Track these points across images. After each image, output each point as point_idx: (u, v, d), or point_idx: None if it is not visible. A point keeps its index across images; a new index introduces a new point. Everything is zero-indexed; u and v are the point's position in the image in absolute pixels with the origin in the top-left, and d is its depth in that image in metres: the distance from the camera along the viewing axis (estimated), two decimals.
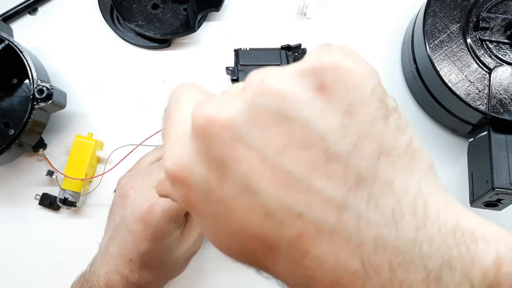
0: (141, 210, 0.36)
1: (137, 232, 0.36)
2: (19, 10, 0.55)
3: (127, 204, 0.38)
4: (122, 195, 0.39)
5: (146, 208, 0.36)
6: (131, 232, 0.37)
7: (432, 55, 0.47)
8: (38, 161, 0.51)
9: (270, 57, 0.51)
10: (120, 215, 0.38)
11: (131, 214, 0.37)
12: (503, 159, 0.43)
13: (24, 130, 0.45)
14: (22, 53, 0.46)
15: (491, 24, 0.47)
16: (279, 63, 0.51)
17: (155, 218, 0.36)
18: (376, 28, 0.56)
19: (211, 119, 0.18)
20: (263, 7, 0.56)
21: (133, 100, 0.53)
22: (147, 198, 0.37)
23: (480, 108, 0.45)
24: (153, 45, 0.54)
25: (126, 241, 0.37)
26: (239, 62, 0.51)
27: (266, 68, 0.18)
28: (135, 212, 0.37)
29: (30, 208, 0.50)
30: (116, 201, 0.39)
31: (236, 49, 0.52)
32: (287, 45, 0.52)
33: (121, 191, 0.39)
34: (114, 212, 0.40)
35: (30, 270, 0.49)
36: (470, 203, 0.45)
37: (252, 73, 0.19)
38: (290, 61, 0.51)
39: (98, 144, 0.50)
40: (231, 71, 0.51)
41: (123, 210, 0.38)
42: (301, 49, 0.52)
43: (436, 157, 0.52)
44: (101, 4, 0.55)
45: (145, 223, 0.36)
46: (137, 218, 0.36)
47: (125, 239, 0.37)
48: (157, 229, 0.36)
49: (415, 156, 0.18)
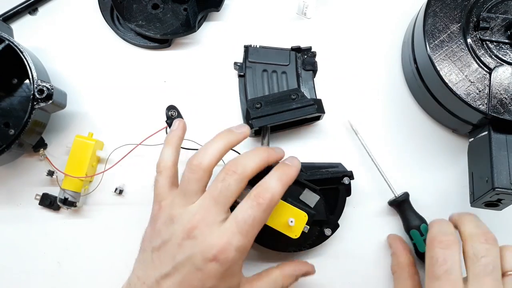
0: (215, 251, 0.36)
1: (207, 270, 0.36)
2: (19, 10, 0.55)
3: (194, 246, 0.37)
4: (187, 236, 0.37)
5: (220, 249, 0.36)
6: (199, 270, 0.36)
7: (433, 55, 0.47)
8: (39, 161, 0.51)
9: (279, 57, 0.51)
10: (184, 254, 0.37)
11: (200, 254, 0.36)
12: (504, 159, 0.43)
13: (24, 130, 0.45)
14: (22, 53, 0.46)
15: (491, 24, 0.47)
16: (288, 64, 0.51)
17: (228, 258, 0.36)
18: (376, 28, 0.56)
19: None
20: (263, 7, 0.56)
21: (133, 100, 0.53)
22: (219, 237, 0.36)
23: (480, 108, 0.45)
24: (153, 45, 0.54)
25: (190, 279, 0.37)
26: (248, 58, 0.51)
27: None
28: (207, 252, 0.36)
29: (30, 208, 0.50)
30: (177, 240, 0.38)
31: (247, 45, 0.51)
32: (298, 47, 0.51)
33: (184, 231, 0.38)
34: (172, 250, 0.38)
35: (30, 270, 0.49)
36: (471, 203, 0.45)
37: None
38: (298, 63, 0.51)
39: (98, 144, 0.50)
40: (239, 66, 0.51)
41: (188, 250, 0.37)
42: (311, 52, 0.52)
43: (436, 157, 0.52)
44: (101, 4, 0.55)
45: (218, 261, 0.36)
46: (209, 258, 0.36)
47: (190, 277, 0.37)
48: (229, 268, 0.37)
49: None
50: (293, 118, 0.47)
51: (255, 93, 0.50)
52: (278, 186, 0.38)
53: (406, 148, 0.52)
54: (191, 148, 0.48)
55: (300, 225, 0.43)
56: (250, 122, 0.47)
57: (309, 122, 0.52)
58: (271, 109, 0.47)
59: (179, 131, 0.44)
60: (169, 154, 0.43)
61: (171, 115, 0.48)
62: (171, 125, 0.45)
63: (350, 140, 0.52)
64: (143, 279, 0.38)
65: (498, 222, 0.50)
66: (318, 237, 0.46)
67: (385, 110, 0.53)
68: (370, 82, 0.54)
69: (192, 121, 0.52)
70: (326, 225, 0.46)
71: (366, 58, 0.55)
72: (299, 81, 0.50)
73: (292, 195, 0.44)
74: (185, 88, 0.53)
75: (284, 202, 0.43)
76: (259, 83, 0.50)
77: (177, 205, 0.40)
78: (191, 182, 0.39)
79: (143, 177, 0.50)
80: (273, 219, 0.42)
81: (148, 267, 0.39)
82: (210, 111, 0.53)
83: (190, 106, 0.52)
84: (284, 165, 0.40)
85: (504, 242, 0.50)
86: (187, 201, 0.39)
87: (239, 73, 0.51)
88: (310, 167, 0.47)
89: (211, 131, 0.52)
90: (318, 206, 0.45)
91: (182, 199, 0.40)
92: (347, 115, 0.52)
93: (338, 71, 0.54)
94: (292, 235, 0.43)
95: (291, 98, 0.47)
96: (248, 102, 0.48)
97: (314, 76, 0.51)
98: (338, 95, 0.53)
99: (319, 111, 0.47)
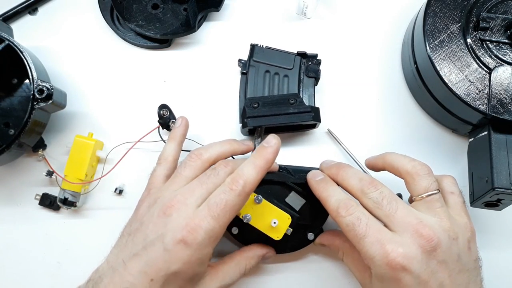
0: (185, 231, 0.36)
1: (174, 252, 0.36)
2: (19, 10, 0.55)
3: (167, 223, 0.37)
4: (163, 214, 0.38)
5: (190, 229, 0.36)
6: (167, 251, 0.36)
7: (432, 55, 0.47)
8: (38, 161, 0.51)
9: (283, 60, 0.51)
10: (156, 233, 0.37)
11: (171, 233, 0.36)
12: (503, 159, 0.43)
13: (24, 130, 0.45)
14: (22, 53, 0.46)
15: (491, 24, 0.47)
16: (291, 68, 0.51)
17: (196, 239, 0.36)
18: (376, 28, 0.56)
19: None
20: (263, 7, 0.56)
21: (133, 100, 0.53)
22: (190, 218, 0.36)
23: (480, 108, 0.45)
24: (153, 45, 0.54)
25: (156, 260, 0.36)
26: (253, 57, 0.51)
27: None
28: (177, 231, 0.36)
29: (30, 208, 0.50)
30: (152, 219, 0.38)
31: (253, 44, 0.51)
32: (304, 52, 0.51)
33: (162, 210, 0.38)
34: (145, 229, 0.38)
35: (30, 270, 0.49)
36: (471, 203, 0.45)
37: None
38: (302, 68, 0.51)
39: (98, 144, 0.50)
40: (243, 64, 0.51)
41: (161, 229, 0.37)
42: (316, 60, 0.51)
43: (436, 157, 0.52)
44: (101, 4, 0.55)
45: (186, 243, 0.36)
46: (177, 238, 0.36)
47: (156, 257, 0.36)
48: (196, 252, 0.36)
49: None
50: (288, 122, 0.47)
51: (255, 92, 0.50)
52: (252, 172, 0.38)
53: (406, 148, 0.52)
54: (188, 150, 0.48)
55: (283, 227, 0.43)
56: (245, 121, 0.47)
57: (304, 129, 0.51)
58: (267, 111, 0.47)
59: (182, 128, 0.47)
60: (171, 149, 0.45)
61: (163, 114, 0.48)
62: (163, 124, 0.48)
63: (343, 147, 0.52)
64: (111, 263, 0.38)
65: (498, 222, 0.50)
66: (301, 240, 0.46)
67: (385, 110, 0.53)
68: (370, 82, 0.54)
69: (191, 121, 0.52)
70: (310, 229, 0.46)
71: (366, 58, 0.55)
72: (299, 87, 0.50)
73: (278, 197, 0.45)
74: (185, 88, 0.53)
75: (269, 203, 0.43)
76: (260, 83, 0.50)
77: (165, 187, 0.41)
78: (186, 167, 0.41)
79: (143, 177, 0.50)
80: (256, 219, 0.42)
81: (120, 250, 0.39)
82: (210, 111, 0.53)
83: (190, 106, 0.52)
84: (261, 148, 0.40)
85: (504, 242, 0.51)
86: (176, 184, 0.40)
87: (242, 71, 0.51)
88: (298, 171, 0.47)
89: (211, 131, 0.52)
90: (303, 209, 0.45)
91: (172, 182, 0.41)
92: (328, 124, 0.52)
93: (338, 71, 0.54)
94: (274, 236, 0.43)
95: (289, 103, 0.47)
96: (246, 100, 0.48)
97: (316, 84, 0.51)
98: (339, 95, 0.53)
99: (315, 119, 0.47)
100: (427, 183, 0.40)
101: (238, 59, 0.51)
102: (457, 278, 0.37)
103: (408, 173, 0.41)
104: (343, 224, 0.39)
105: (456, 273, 0.37)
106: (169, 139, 0.46)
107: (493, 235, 0.50)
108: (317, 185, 0.43)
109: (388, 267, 0.36)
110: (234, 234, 0.46)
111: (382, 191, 0.40)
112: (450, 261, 0.37)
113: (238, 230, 0.46)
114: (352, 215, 0.39)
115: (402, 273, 0.36)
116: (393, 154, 0.43)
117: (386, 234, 0.37)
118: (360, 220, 0.38)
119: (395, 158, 0.43)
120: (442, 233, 0.37)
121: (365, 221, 0.38)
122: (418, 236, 0.37)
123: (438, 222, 0.38)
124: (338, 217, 0.40)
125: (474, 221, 0.41)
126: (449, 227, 0.38)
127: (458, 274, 0.37)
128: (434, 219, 0.39)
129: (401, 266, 0.36)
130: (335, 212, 0.40)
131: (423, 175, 0.40)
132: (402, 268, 0.36)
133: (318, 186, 0.43)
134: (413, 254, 0.36)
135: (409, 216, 0.38)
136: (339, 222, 0.40)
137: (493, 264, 0.49)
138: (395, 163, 0.42)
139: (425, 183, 0.40)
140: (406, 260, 0.36)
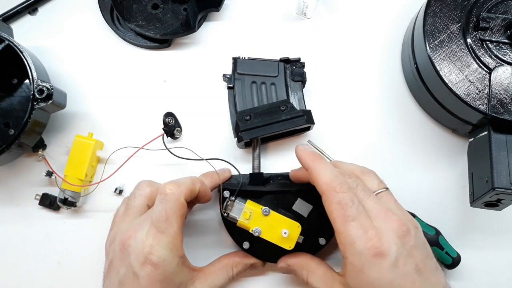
0: (145, 254, 0.37)
1: (146, 276, 0.37)
2: (19, 10, 0.55)
3: (130, 253, 0.38)
4: (122, 247, 0.39)
5: (148, 251, 0.37)
6: (141, 277, 0.37)
7: (432, 55, 0.47)
8: (38, 161, 0.51)
9: (267, 69, 0.51)
10: (125, 266, 0.38)
11: (136, 259, 0.37)
12: (503, 159, 0.43)
13: (24, 130, 0.45)
14: (22, 53, 0.46)
15: (491, 24, 0.47)
16: (276, 75, 0.50)
17: (160, 257, 0.37)
18: (376, 28, 0.56)
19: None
20: (263, 7, 0.56)
21: (133, 100, 0.53)
22: (144, 241, 0.37)
23: (480, 108, 0.45)
24: (153, 45, 0.54)
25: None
26: (237, 70, 0.51)
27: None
28: (140, 256, 0.37)
29: (30, 208, 0.50)
30: (116, 255, 0.39)
31: (235, 57, 0.51)
32: (286, 58, 0.51)
33: (121, 243, 0.39)
34: (115, 267, 0.39)
35: (30, 270, 0.49)
36: (471, 203, 0.45)
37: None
38: (287, 73, 0.51)
39: (98, 144, 0.50)
40: (228, 78, 0.51)
41: (127, 259, 0.38)
42: (300, 63, 0.51)
43: (436, 157, 0.52)
44: (101, 4, 0.55)
45: (152, 264, 0.37)
46: (142, 261, 0.37)
47: (134, 287, 0.37)
48: (167, 266, 0.37)
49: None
50: (282, 129, 0.47)
51: (245, 105, 0.50)
52: (182, 178, 0.41)
53: (406, 148, 0.52)
54: (186, 157, 0.48)
55: (294, 236, 0.43)
56: (239, 135, 0.47)
57: (299, 133, 0.51)
58: (260, 121, 0.47)
59: (220, 177, 0.47)
60: (188, 183, 0.41)
61: (168, 122, 0.48)
62: (168, 132, 0.49)
63: (342, 148, 0.52)
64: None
65: (498, 222, 0.50)
66: (313, 247, 0.46)
67: (385, 110, 0.53)
68: (370, 82, 0.54)
69: (191, 121, 0.52)
70: (320, 234, 0.46)
71: (366, 58, 0.55)
72: (288, 92, 0.50)
73: (284, 206, 0.44)
74: (185, 88, 0.53)
75: (277, 214, 0.43)
76: (248, 95, 0.50)
77: (121, 221, 0.43)
78: (136, 198, 0.43)
79: (143, 178, 0.50)
80: (266, 231, 0.42)
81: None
82: (210, 110, 0.52)
83: (189, 106, 0.52)
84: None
85: (504, 242, 0.50)
86: (130, 216, 0.42)
87: (228, 85, 0.51)
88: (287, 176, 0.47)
89: (211, 131, 0.52)
90: (312, 215, 0.45)
91: (125, 214, 0.43)
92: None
93: (338, 71, 0.54)
94: (287, 246, 0.42)
95: (280, 110, 0.47)
96: (238, 115, 0.48)
97: (303, 87, 0.51)
98: (339, 96, 0.53)
99: (309, 122, 0.47)
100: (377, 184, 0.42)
101: (223, 74, 0.51)
102: (427, 262, 0.38)
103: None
104: (334, 199, 0.38)
105: (425, 258, 0.38)
106: (201, 175, 0.47)
107: (493, 235, 0.50)
108: (307, 156, 0.41)
109: (368, 252, 0.36)
110: (246, 249, 0.46)
111: (356, 179, 0.40)
112: (420, 247, 0.38)
113: (249, 244, 0.46)
114: (346, 193, 0.38)
115: (381, 257, 0.36)
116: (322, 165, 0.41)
117: (368, 220, 0.37)
118: (353, 202, 0.38)
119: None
120: (407, 222, 0.38)
121: (357, 205, 0.38)
122: (390, 222, 0.37)
123: (401, 212, 0.40)
124: (330, 191, 0.38)
125: (474, 221, 0.41)
126: (410, 217, 0.40)
127: (427, 259, 0.38)
128: (397, 210, 0.40)
129: (380, 251, 0.36)
130: (329, 185, 0.38)
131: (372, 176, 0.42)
132: (381, 253, 0.36)
133: (309, 156, 0.41)
134: (391, 239, 0.37)
135: (379, 204, 0.39)
136: (330, 197, 0.38)
137: (493, 264, 0.49)
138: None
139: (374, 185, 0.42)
140: (386, 244, 0.36)
